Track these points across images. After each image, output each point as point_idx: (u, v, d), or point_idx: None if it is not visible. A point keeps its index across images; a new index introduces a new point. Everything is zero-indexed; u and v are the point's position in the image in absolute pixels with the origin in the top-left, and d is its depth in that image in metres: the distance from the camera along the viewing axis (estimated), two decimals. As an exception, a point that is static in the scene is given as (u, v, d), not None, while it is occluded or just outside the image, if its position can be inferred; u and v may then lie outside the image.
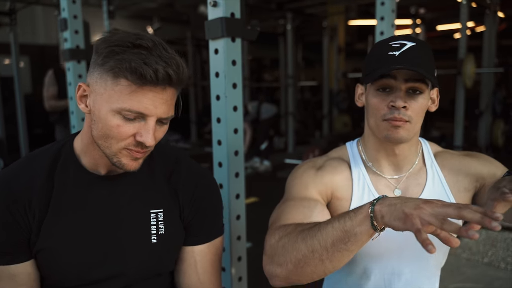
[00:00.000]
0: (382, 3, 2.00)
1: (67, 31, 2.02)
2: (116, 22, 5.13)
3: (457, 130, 4.95)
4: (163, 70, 0.77)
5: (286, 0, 6.71)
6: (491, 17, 5.67)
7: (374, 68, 0.95)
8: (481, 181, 1.04)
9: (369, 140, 1.07)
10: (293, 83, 7.46)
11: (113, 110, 0.80)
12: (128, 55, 0.77)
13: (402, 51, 0.92)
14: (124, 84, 0.78)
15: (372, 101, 0.98)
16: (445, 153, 1.11)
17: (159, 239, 0.94)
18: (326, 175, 1.05)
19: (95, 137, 0.85)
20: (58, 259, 0.88)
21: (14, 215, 0.86)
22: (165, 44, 0.82)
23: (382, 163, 1.06)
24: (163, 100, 0.81)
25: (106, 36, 0.82)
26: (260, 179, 5.69)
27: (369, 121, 1.02)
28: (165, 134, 0.88)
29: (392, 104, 0.94)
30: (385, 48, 0.95)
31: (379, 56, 0.95)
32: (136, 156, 0.84)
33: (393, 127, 0.95)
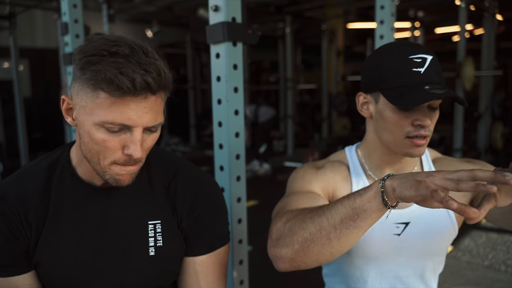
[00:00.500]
0: (382, 7, 2.01)
1: (68, 35, 2.03)
2: (116, 26, 5.15)
3: (457, 133, 4.97)
4: (141, 79, 0.72)
5: (285, 3, 6.74)
6: (490, 20, 5.70)
7: (398, 86, 0.91)
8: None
9: (375, 150, 1.04)
10: (292, 86, 7.48)
11: (96, 123, 0.76)
12: (103, 65, 0.73)
13: (426, 67, 0.90)
14: (102, 96, 0.74)
15: (392, 118, 0.94)
16: (443, 159, 1.11)
17: (157, 251, 0.91)
18: (327, 173, 1.05)
19: (84, 153, 0.82)
20: (55, 272, 0.87)
21: (11, 228, 0.84)
22: (146, 47, 0.77)
23: (385, 171, 1.05)
24: (146, 108, 0.76)
25: (82, 45, 0.78)
26: (260, 183, 5.69)
27: (382, 135, 0.98)
28: (164, 137, 0.86)
29: (419, 123, 0.91)
30: (406, 62, 0.91)
31: (401, 72, 0.91)
32: (128, 171, 0.81)
33: (416, 146, 0.93)
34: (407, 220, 1.03)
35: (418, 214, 1.03)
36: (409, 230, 1.02)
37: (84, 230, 0.89)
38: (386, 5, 1.99)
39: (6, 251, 0.85)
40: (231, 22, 1.21)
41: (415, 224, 1.03)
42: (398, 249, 1.03)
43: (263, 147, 6.43)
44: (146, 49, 0.77)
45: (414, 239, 1.03)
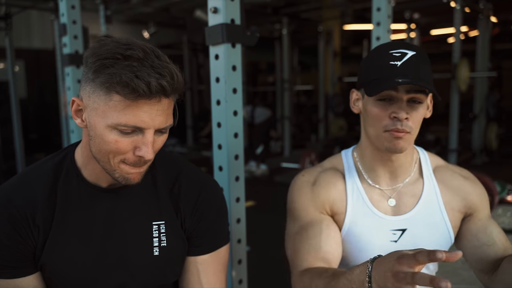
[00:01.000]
0: (378, 9, 2.03)
1: (66, 36, 2.03)
2: (113, 26, 5.14)
3: (452, 134, 5.00)
4: (156, 83, 0.74)
5: (282, 5, 6.76)
6: (484, 22, 5.74)
7: (375, 78, 0.94)
8: (472, 211, 1.06)
9: (366, 149, 1.06)
10: (289, 87, 7.50)
11: (109, 126, 0.77)
12: (118, 68, 0.74)
13: (404, 61, 0.91)
14: (116, 99, 0.75)
15: (372, 111, 0.96)
16: (446, 169, 1.10)
17: (162, 251, 0.93)
18: (321, 192, 1.05)
19: (94, 153, 0.83)
20: (62, 272, 0.88)
21: (19, 230, 0.85)
22: (157, 50, 0.79)
23: (378, 172, 1.06)
24: (159, 111, 0.78)
25: (95, 47, 0.78)
26: (257, 183, 5.70)
27: (367, 130, 1.01)
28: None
29: (394, 115, 0.93)
30: (386, 57, 0.93)
31: (380, 65, 0.93)
32: (137, 170, 0.83)
33: (394, 138, 0.94)
34: (403, 227, 1.03)
35: (415, 221, 1.03)
36: (405, 237, 1.03)
37: (90, 231, 0.90)
38: (382, 7, 2.02)
39: (12, 252, 0.85)
40: (230, 24, 1.22)
41: (412, 231, 1.03)
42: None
43: (260, 148, 6.44)
44: (158, 53, 0.79)
45: (411, 245, 1.02)
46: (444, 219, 1.04)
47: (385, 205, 1.05)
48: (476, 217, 1.05)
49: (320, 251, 0.98)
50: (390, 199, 1.05)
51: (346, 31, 9.21)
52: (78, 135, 2.09)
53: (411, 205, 1.05)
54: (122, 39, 0.79)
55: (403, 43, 0.96)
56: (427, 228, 1.03)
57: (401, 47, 0.94)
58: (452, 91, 4.92)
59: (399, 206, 1.05)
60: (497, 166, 5.62)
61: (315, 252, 0.98)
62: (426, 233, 1.03)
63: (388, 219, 1.04)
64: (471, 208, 1.06)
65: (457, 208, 1.05)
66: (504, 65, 11.45)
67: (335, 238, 1.01)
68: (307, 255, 0.98)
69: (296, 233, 1.04)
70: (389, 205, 1.05)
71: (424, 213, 1.04)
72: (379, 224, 1.03)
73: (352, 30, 9.05)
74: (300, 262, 0.99)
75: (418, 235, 1.03)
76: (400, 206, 1.05)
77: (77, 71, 2.06)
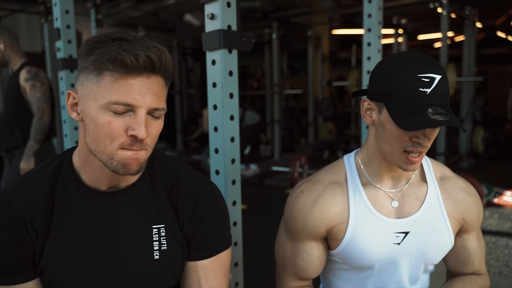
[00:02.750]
0: (369, 15, 2.07)
1: (60, 41, 2.03)
2: (103, 30, 5.13)
3: (439, 137, 5.07)
4: (144, 55, 0.76)
5: (271, 9, 6.80)
6: (470, 27, 5.85)
7: (402, 103, 0.91)
8: (467, 226, 1.09)
9: (373, 157, 1.06)
10: (279, 91, 7.54)
11: (101, 107, 0.78)
12: (107, 48, 0.77)
13: (433, 88, 0.90)
14: (107, 75, 0.77)
15: (391, 131, 0.95)
16: (452, 182, 1.11)
17: (162, 255, 0.93)
18: (319, 216, 1.05)
19: (89, 144, 0.83)
20: (61, 278, 0.88)
21: (17, 237, 0.85)
22: (146, 39, 0.82)
23: (383, 177, 1.07)
24: (149, 90, 0.79)
25: (87, 39, 0.82)
26: (248, 186, 5.71)
27: (381, 145, 1.00)
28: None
29: (417, 140, 0.93)
30: (414, 80, 0.90)
31: (408, 89, 0.90)
32: (135, 154, 0.81)
33: (410, 163, 0.96)
34: (407, 230, 1.04)
35: (418, 224, 1.05)
36: (408, 240, 1.04)
37: (89, 235, 0.89)
38: (373, 14, 2.06)
39: (11, 259, 0.85)
40: (226, 30, 1.24)
41: (415, 233, 1.04)
42: (398, 258, 1.05)
43: (248, 149, 6.45)
44: (147, 39, 0.82)
45: (414, 248, 1.05)
46: (447, 225, 1.06)
47: (388, 207, 1.06)
48: (463, 236, 1.11)
49: (305, 275, 1.11)
50: (393, 201, 1.06)
51: (334, 36, 9.30)
52: (71, 126, 2.08)
53: (414, 207, 1.06)
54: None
55: (429, 62, 0.93)
56: (430, 231, 1.05)
57: (428, 70, 0.90)
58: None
59: (402, 208, 1.06)
60: (484, 169, 5.72)
61: (300, 276, 1.11)
62: (429, 236, 1.04)
63: (391, 221, 1.04)
64: (467, 224, 1.09)
65: (457, 218, 1.08)
66: (489, 70, 11.68)
67: (320, 261, 1.10)
68: (292, 276, 1.12)
69: (287, 249, 1.12)
70: (393, 206, 1.06)
71: (428, 217, 1.05)
72: (381, 227, 1.04)
73: (341, 34, 9.14)
74: (288, 279, 1.13)
75: (421, 239, 1.04)
76: (404, 208, 1.06)
77: (71, 75, 2.06)
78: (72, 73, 2.06)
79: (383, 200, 1.06)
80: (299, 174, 5.10)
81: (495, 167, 5.92)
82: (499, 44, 9.89)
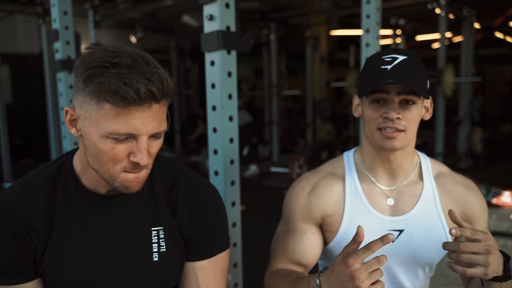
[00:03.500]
0: (368, 16, 2.07)
1: (58, 42, 2.03)
2: (101, 31, 5.12)
3: (438, 138, 5.08)
4: (145, 89, 0.74)
5: (269, 10, 6.80)
6: (468, 28, 5.87)
7: (368, 82, 1.00)
8: (470, 220, 1.08)
9: (366, 149, 1.10)
10: (277, 92, 7.54)
11: (102, 135, 0.78)
12: (107, 77, 0.74)
13: (394, 65, 0.97)
14: (107, 108, 0.75)
15: (367, 112, 1.03)
16: (449, 177, 1.12)
17: (161, 257, 0.93)
18: (315, 202, 1.10)
19: (91, 163, 0.83)
20: (62, 280, 0.89)
21: (18, 237, 0.85)
22: (146, 56, 0.79)
23: (378, 171, 1.09)
24: (150, 117, 0.78)
25: (83, 56, 0.79)
26: (247, 188, 5.69)
27: (365, 131, 1.06)
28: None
29: (385, 115, 0.98)
30: (378, 62, 0.99)
31: (373, 71, 1.00)
32: (137, 176, 0.83)
33: (386, 138, 0.99)
34: (401, 228, 1.05)
35: (413, 222, 1.05)
36: (403, 238, 1.05)
37: (89, 238, 0.90)
38: (371, 15, 2.06)
39: (12, 259, 0.86)
40: (225, 31, 1.24)
41: (409, 232, 1.05)
42: (392, 256, 1.05)
43: (246, 150, 6.46)
44: (146, 58, 0.78)
45: (408, 246, 1.05)
46: (442, 223, 1.06)
47: (384, 204, 1.08)
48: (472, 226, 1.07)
49: (294, 256, 1.10)
50: (389, 198, 1.08)
51: (332, 37, 9.30)
52: (70, 141, 2.08)
53: (409, 206, 1.07)
54: (110, 46, 0.79)
55: (397, 49, 1.01)
56: (425, 230, 1.05)
57: (393, 53, 1.00)
58: (437, 96, 5.00)
59: (398, 206, 1.07)
60: (482, 170, 5.73)
61: (289, 257, 1.10)
62: (424, 235, 1.05)
63: (386, 219, 1.06)
64: (469, 218, 1.08)
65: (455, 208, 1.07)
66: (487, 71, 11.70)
67: (312, 248, 1.11)
68: (282, 257, 1.11)
69: (281, 233, 1.15)
70: (388, 204, 1.07)
71: (422, 215, 1.06)
72: (376, 224, 1.06)
73: (339, 35, 9.14)
74: (275, 262, 1.12)
75: (415, 237, 1.05)
76: (399, 206, 1.07)
77: (69, 76, 2.06)
78: (71, 74, 2.05)
79: (379, 197, 1.08)
80: (297, 175, 5.09)
81: (494, 168, 5.94)
82: (497, 44, 9.91)
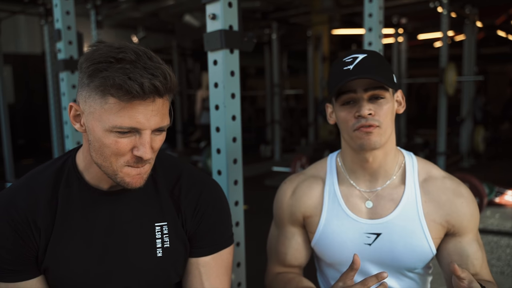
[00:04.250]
0: (370, 15, 2.07)
1: (61, 42, 2.03)
2: (103, 31, 5.13)
3: (440, 137, 5.07)
4: (149, 83, 0.75)
5: (271, 10, 6.79)
6: (470, 27, 5.86)
7: (333, 86, 1.01)
8: (455, 230, 1.03)
9: (346, 152, 1.11)
10: (279, 91, 7.53)
11: (106, 129, 0.79)
12: (111, 71, 0.75)
13: (355, 64, 0.98)
14: (112, 102, 0.77)
15: (340, 116, 1.03)
16: (436, 181, 1.06)
17: (165, 252, 0.94)
18: (296, 204, 1.15)
19: (94, 158, 0.84)
20: (65, 276, 0.89)
21: (20, 234, 0.86)
22: (150, 52, 0.80)
23: (358, 174, 1.09)
24: (154, 111, 0.79)
25: (88, 52, 0.80)
26: (249, 187, 5.70)
27: (343, 135, 1.07)
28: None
29: (357, 114, 0.99)
30: (341, 65, 1.01)
31: (336, 74, 1.01)
32: (139, 171, 0.84)
33: (364, 134, 0.99)
34: (378, 231, 1.04)
35: (391, 226, 1.03)
36: (380, 241, 1.04)
37: (92, 234, 0.90)
38: (374, 13, 2.05)
39: (15, 256, 0.86)
40: (228, 30, 1.24)
41: (386, 236, 1.04)
42: (370, 259, 1.06)
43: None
44: (150, 54, 0.80)
45: (385, 250, 1.04)
46: (423, 229, 1.02)
47: (362, 207, 1.07)
48: (457, 238, 1.04)
49: (286, 261, 1.17)
50: (368, 201, 1.07)
51: (334, 36, 9.29)
52: (73, 141, 2.09)
53: (388, 209, 1.05)
54: (115, 43, 0.80)
55: (356, 50, 1.03)
56: (403, 235, 1.03)
57: (353, 53, 1.01)
58: (440, 95, 5.00)
59: (376, 209, 1.06)
60: (485, 169, 5.71)
61: (282, 261, 1.18)
62: (402, 240, 1.03)
63: (363, 222, 1.06)
64: (454, 227, 1.03)
65: (438, 221, 1.03)
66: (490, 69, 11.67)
67: (302, 249, 1.17)
68: (276, 261, 1.20)
69: (273, 237, 1.21)
70: (366, 207, 1.07)
71: (401, 220, 1.03)
72: (352, 227, 1.06)
73: (341, 35, 9.13)
74: (272, 265, 1.21)
75: (393, 241, 1.03)
76: (377, 209, 1.06)
77: (72, 76, 2.06)
78: (73, 74, 2.06)
79: (357, 200, 1.08)
80: (299, 174, 5.08)
81: (496, 167, 5.92)
82: (499, 43, 9.88)
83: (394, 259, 1.04)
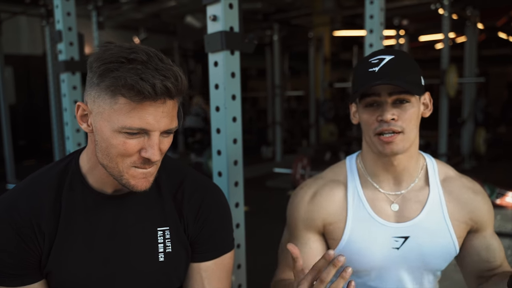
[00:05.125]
0: (371, 16, 2.07)
1: (61, 43, 2.03)
2: (105, 33, 5.13)
3: (441, 139, 5.07)
4: (160, 84, 0.74)
5: (272, 11, 6.81)
6: (472, 28, 5.85)
7: (357, 87, 0.98)
8: (478, 226, 1.05)
9: (367, 155, 1.08)
10: (280, 92, 7.54)
11: (115, 130, 0.78)
12: (123, 72, 0.74)
13: (381, 66, 0.95)
14: (122, 102, 0.76)
15: (362, 118, 1.01)
16: (456, 181, 1.08)
17: (167, 257, 0.93)
18: (316, 210, 1.07)
19: (100, 159, 0.83)
20: (67, 280, 0.88)
21: (24, 238, 0.85)
22: (160, 54, 0.79)
23: (381, 177, 1.06)
24: (164, 113, 0.78)
25: (98, 52, 0.79)
26: (249, 188, 5.70)
27: (365, 137, 1.04)
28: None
29: (380, 118, 0.96)
30: (366, 65, 0.97)
31: (361, 75, 0.98)
32: (145, 173, 0.83)
33: (385, 143, 0.96)
34: (406, 234, 1.03)
35: (418, 229, 1.03)
36: (408, 244, 1.03)
37: (95, 238, 0.90)
38: (375, 15, 2.05)
39: (18, 260, 0.85)
40: (229, 32, 1.24)
41: (414, 238, 1.03)
42: (397, 263, 1.04)
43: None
44: (161, 56, 0.79)
45: (413, 253, 1.03)
46: (449, 229, 1.03)
47: (388, 210, 1.05)
48: (481, 233, 1.06)
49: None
50: (393, 204, 1.05)
51: (336, 37, 9.30)
52: (74, 142, 2.09)
53: (415, 212, 1.04)
54: (125, 44, 0.80)
55: (383, 50, 1.00)
56: (431, 236, 1.03)
57: (379, 54, 0.98)
58: (441, 96, 4.99)
59: (403, 212, 1.04)
60: (486, 170, 5.71)
61: (291, 267, 1.08)
62: (430, 241, 1.03)
63: (390, 225, 1.04)
64: (477, 223, 1.05)
65: (462, 219, 1.04)
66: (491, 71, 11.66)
67: (315, 257, 1.06)
68: (285, 267, 1.11)
69: (285, 242, 1.14)
70: (392, 210, 1.05)
71: (428, 221, 1.03)
72: (380, 231, 1.03)
73: (342, 36, 9.14)
74: (280, 271, 1.13)
75: (421, 243, 1.03)
76: (404, 212, 1.04)
77: (72, 77, 2.06)
78: (74, 75, 2.06)
79: (383, 203, 1.05)
80: (301, 175, 5.08)
81: (497, 168, 5.91)
82: (500, 45, 9.88)
83: (423, 261, 1.04)
